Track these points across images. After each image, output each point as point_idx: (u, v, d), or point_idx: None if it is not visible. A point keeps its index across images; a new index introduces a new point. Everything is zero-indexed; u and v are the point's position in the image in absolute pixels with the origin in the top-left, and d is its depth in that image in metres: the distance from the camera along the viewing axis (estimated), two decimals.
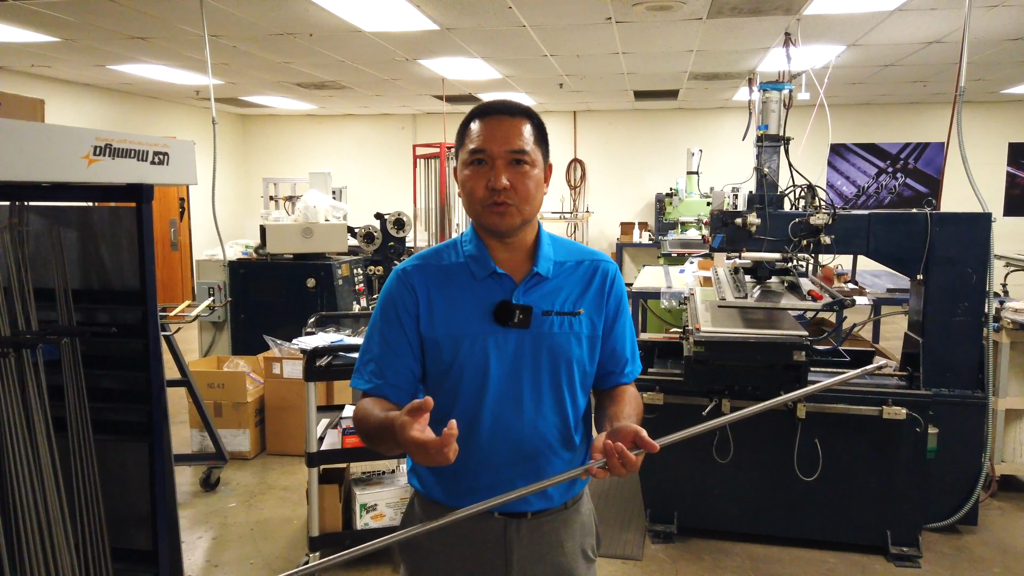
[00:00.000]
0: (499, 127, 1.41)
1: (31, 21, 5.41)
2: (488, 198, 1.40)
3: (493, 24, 5.45)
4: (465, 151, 1.44)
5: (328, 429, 3.27)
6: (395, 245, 5.87)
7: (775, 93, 3.56)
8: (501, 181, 1.39)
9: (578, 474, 1.29)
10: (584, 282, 1.51)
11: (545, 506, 1.50)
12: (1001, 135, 9.94)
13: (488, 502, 1.23)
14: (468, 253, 1.48)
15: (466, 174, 1.43)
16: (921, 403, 3.20)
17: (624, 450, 1.24)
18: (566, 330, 1.46)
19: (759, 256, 3.58)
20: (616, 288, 1.54)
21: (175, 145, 2.38)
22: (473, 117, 1.46)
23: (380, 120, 11.41)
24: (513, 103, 1.46)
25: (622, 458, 1.24)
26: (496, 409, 1.43)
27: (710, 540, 3.44)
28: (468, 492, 1.44)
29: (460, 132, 1.47)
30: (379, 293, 1.53)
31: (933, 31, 5.71)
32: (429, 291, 1.46)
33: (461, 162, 1.45)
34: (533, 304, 1.44)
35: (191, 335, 6.27)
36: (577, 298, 1.48)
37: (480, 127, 1.43)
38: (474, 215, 1.46)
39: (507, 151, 1.40)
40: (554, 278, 1.48)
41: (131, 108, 9.31)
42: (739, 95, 9.27)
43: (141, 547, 2.42)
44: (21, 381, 2.00)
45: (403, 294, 1.47)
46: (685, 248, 7.03)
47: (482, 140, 1.41)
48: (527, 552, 1.49)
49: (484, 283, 1.45)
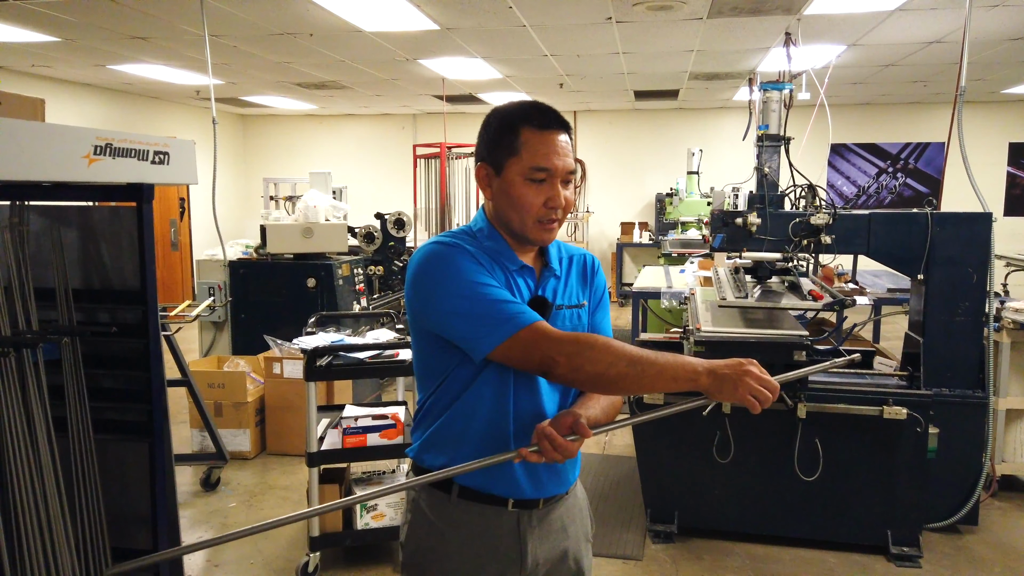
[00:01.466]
0: (558, 144, 1.42)
1: (31, 21, 5.41)
2: (546, 215, 1.43)
3: (493, 24, 5.45)
4: (523, 164, 1.41)
5: (328, 429, 3.26)
6: (395, 245, 5.87)
7: (775, 93, 3.56)
8: (562, 200, 1.43)
9: (510, 457, 1.34)
10: (580, 275, 1.57)
11: (559, 491, 1.53)
12: (1001, 135, 9.94)
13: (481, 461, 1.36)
14: (490, 248, 1.47)
15: (523, 190, 1.42)
16: (922, 403, 3.20)
17: (554, 435, 1.31)
18: (575, 323, 1.52)
19: (759, 256, 3.58)
20: (600, 278, 1.62)
21: (175, 145, 2.38)
22: (525, 124, 1.42)
23: (380, 120, 11.41)
24: (559, 114, 1.46)
25: (552, 443, 1.31)
26: (517, 398, 1.45)
27: (710, 540, 3.44)
28: (495, 476, 1.46)
29: (506, 135, 1.43)
30: (429, 266, 1.42)
31: (933, 31, 5.71)
32: (485, 264, 1.44)
33: (517, 174, 1.42)
34: (548, 298, 1.49)
35: (191, 335, 6.26)
36: (578, 291, 1.56)
37: (540, 141, 1.41)
38: (521, 227, 1.45)
39: (567, 172, 1.43)
40: (561, 274, 1.54)
41: (131, 108, 9.32)
42: (739, 95, 9.27)
43: (141, 547, 2.42)
44: (21, 381, 2.00)
45: (468, 257, 1.42)
46: (685, 248, 7.04)
47: (547, 159, 1.41)
48: (539, 541, 1.51)
49: (515, 274, 1.48)
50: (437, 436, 1.48)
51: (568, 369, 1.32)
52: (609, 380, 1.31)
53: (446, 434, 1.47)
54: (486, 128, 1.48)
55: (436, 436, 1.48)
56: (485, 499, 1.48)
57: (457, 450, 1.45)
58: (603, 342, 1.34)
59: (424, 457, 1.51)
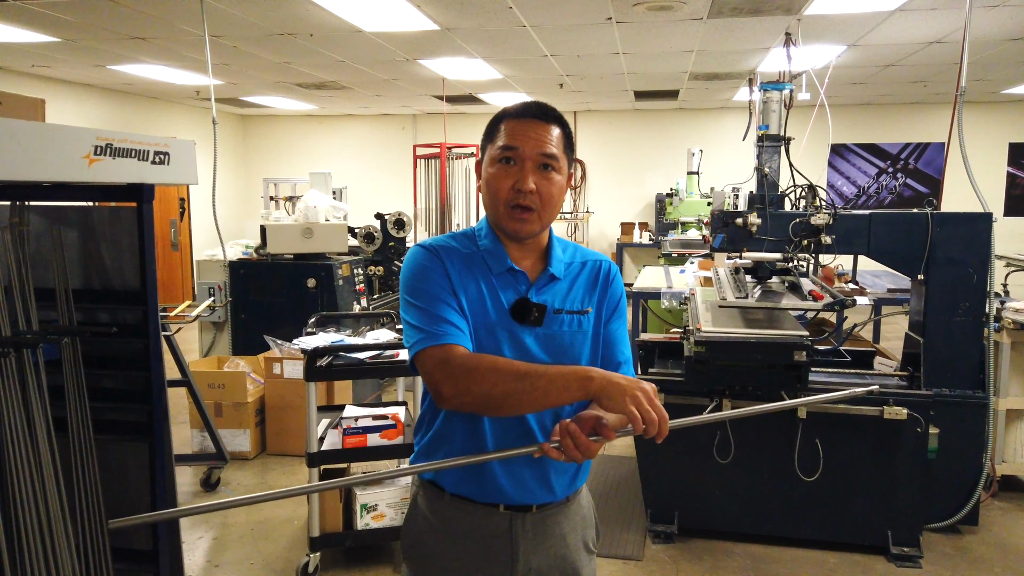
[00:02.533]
0: (532, 129, 1.42)
1: (32, 21, 5.41)
2: (513, 199, 1.41)
3: (493, 24, 5.45)
4: (494, 147, 1.43)
5: (328, 429, 3.26)
6: (395, 245, 5.87)
7: (775, 93, 3.56)
8: (528, 183, 1.40)
9: (532, 451, 1.31)
10: (590, 281, 1.53)
11: (549, 499, 1.51)
12: (1001, 135, 9.94)
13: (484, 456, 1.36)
14: (484, 247, 1.47)
15: (492, 171, 1.43)
16: (922, 403, 3.20)
17: (578, 433, 1.27)
18: (575, 328, 1.48)
19: (760, 256, 3.58)
20: (616, 286, 1.56)
21: (176, 145, 2.38)
22: (506, 116, 1.45)
23: (380, 120, 11.41)
24: (547, 106, 1.46)
25: (575, 441, 1.26)
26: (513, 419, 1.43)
27: (711, 540, 3.44)
28: (479, 483, 1.46)
29: (490, 130, 1.47)
30: (404, 270, 1.46)
31: (933, 31, 5.71)
32: (456, 273, 1.43)
33: (488, 159, 1.45)
34: (547, 303, 1.46)
35: (191, 335, 6.26)
36: (584, 296, 1.51)
37: (513, 126, 1.43)
38: (494, 216, 1.45)
39: (538, 153, 1.41)
40: (564, 278, 1.51)
41: (131, 108, 9.32)
42: (739, 95, 9.27)
43: (141, 547, 2.42)
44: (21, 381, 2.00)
45: (435, 264, 1.43)
46: (685, 248, 7.03)
47: (514, 138, 1.41)
48: (532, 546, 1.50)
49: (500, 277, 1.46)
50: (433, 441, 1.50)
51: (453, 394, 1.31)
52: (498, 399, 1.29)
53: (440, 439, 1.48)
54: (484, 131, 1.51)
55: (433, 441, 1.50)
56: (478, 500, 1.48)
57: (450, 455, 1.46)
58: (488, 362, 1.32)
59: (422, 461, 1.52)
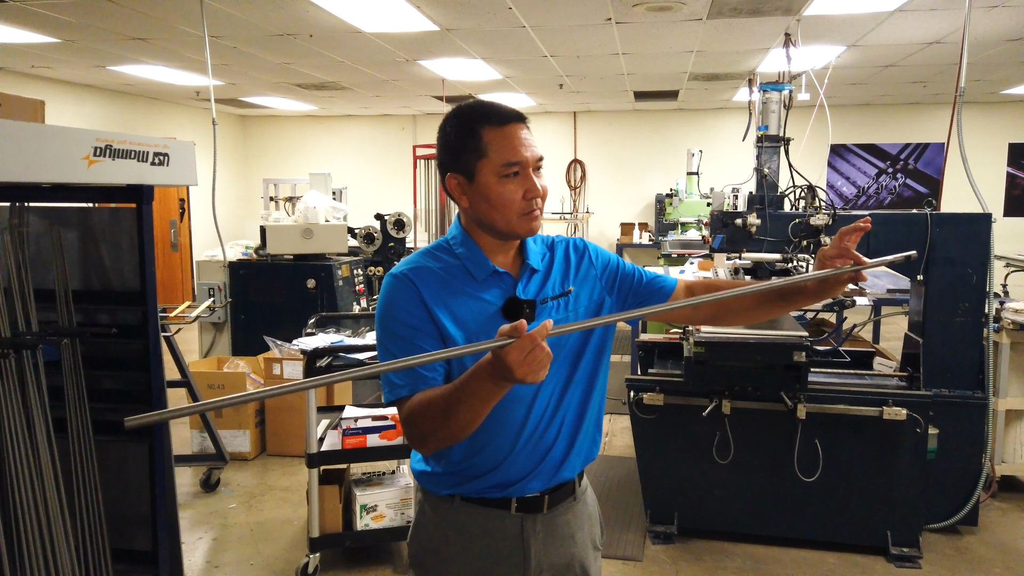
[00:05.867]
0: (520, 135, 1.41)
1: (31, 22, 5.41)
2: (526, 207, 1.41)
3: (493, 25, 5.45)
4: (494, 163, 1.39)
5: (328, 430, 3.27)
6: (395, 246, 5.87)
7: (775, 94, 3.56)
8: (540, 189, 1.42)
9: (499, 344, 1.15)
10: (564, 262, 1.54)
11: (569, 476, 1.51)
12: (1001, 135, 9.94)
13: None
14: (463, 255, 1.46)
15: (501, 189, 1.39)
16: (921, 403, 3.20)
17: (848, 250, 1.39)
18: (565, 312, 1.48)
19: (759, 257, 3.58)
20: (591, 250, 1.59)
21: (175, 146, 2.38)
22: (483, 124, 1.40)
23: (380, 121, 11.42)
24: (512, 108, 1.44)
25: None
26: (511, 404, 1.41)
27: (710, 541, 3.44)
28: (490, 485, 1.46)
29: (468, 140, 1.40)
30: (378, 304, 1.46)
31: (933, 32, 5.71)
32: (432, 295, 1.41)
33: (491, 174, 1.39)
34: (534, 296, 1.46)
35: (191, 336, 6.27)
36: (563, 278, 1.51)
37: (504, 136, 1.39)
38: (506, 225, 1.42)
39: (536, 159, 1.42)
40: (542, 268, 1.51)
41: (131, 109, 9.31)
42: (739, 96, 9.27)
43: (141, 547, 2.42)
44: (21, 382, 2.00)
45: (407, 293, 1.41)
46: (685, 249, 7.02)
47: (515, 152, 1.39)
48: (543, 547, 1.50)
49: (485, 283, 1.45)
50: (463, 460, 1.48)
51: (421, 446, 1.39)
52: (445, 435, 1.31)
53: (466, 456, 1.47)
54: (444, 137, 1.44)
55: (463, 460, 1.48)
56: (489, 502, 1.47)
57: (448, 457, 1.46)
58: (416, 412, 1.32)
59: (421, 466, 1.53)
